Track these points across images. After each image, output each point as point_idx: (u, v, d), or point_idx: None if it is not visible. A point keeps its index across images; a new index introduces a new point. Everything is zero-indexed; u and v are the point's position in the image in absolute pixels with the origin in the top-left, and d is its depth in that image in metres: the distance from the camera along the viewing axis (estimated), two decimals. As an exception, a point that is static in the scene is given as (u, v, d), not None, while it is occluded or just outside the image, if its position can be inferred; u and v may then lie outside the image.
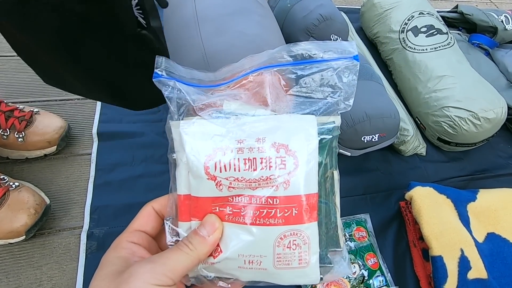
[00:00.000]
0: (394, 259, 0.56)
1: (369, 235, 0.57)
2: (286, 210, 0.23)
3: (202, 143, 0.23)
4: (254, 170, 0.23)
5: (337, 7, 0.83)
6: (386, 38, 0.83)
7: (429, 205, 0.55)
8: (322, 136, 0.24)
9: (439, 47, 0.74)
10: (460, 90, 0.67)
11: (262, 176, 0.23)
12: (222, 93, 0.24)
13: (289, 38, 0.77)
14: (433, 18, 0.79)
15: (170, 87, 0.24)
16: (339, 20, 0.76)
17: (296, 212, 0.23)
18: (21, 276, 0.48)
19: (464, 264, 0.51)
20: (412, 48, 0.76)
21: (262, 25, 0.59)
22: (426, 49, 0.75)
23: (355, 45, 0.24)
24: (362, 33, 0.93)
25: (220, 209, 0.23)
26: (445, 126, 0.68)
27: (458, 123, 0.66)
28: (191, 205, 0.24)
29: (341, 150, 0.64)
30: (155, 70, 0.24)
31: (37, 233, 0.51)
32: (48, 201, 0.51)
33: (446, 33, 0.77)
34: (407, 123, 0.70)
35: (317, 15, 0.73)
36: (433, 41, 0.75)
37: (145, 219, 0.24)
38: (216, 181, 0.23)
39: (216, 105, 0.24)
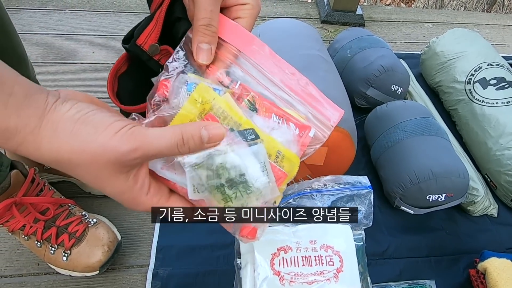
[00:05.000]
0: (464, 334, 0.52)
1: (435, 304, 0.53)
2: None
3: (268, 243, 0.30)
4: (310, 266, 0.30)
5: (395, 53, 0.83)
6: (449, 88, 0.80)
7: (507, 280, 0.50)
8: (355, 242, 0.32)
9: (512, 101, 0.70)
10: (539, 150, 0.63)
11: (317, 271, 0.30)
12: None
13: (348, 87, 0.78)
14: (503, 70, 0.76)
15: None
16: (400, 71, 0.76)
17: None
18: (94, 309, 0.51)
19: None
20: (480, 101, 0.73)
21: (327, 80, 0.62)
22: (497, 103, 0.71)
23: (367, 178, 0.36)
24: (421, 79, 0.91)
25: None
26: (520, 188, 0.63)
27: (536, 186, 0.61)
28: None
29: (403, 207, 0.62)
30: None
31: (110, 268, 0.55)
32: (119, 237, 0.56)
33: (519, 86, 0.73)
34: (476, 182, 0.66)
35: (378, 66, 0.74)
36: (505, 94, 0.72)
37: None
38: (279, 276, 0.29)
39: None
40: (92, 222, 0.53)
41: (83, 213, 0.54)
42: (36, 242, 0.50)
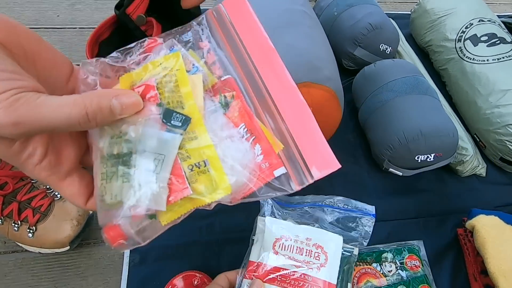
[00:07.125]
0: (451, 292, 0.51)
1: (422, 265, 0.52)
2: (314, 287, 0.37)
3: (275, 231, 0.39)
4: (301, 254, 0.38)
5: (385, 13, 0.78)
6: (440, 47, 0.77)
7: (495, 237, 0.49)
8: (343, 251, 0.39)
9: (503, 58, 0.68)
10: (529, 106, 0.61)
11: (305, 260, 0.38)
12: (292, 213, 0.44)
13: (335, 47, 0.73)
14: (495, 25, 0.72)
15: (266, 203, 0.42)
16: (389, 29, 0.71)
17: None
18: (68, 286, 0.48)
19: (536, 306, 0.45)
20: (470, 59, 0.70)
21: (311, 37, 0.57)
22: (488, 60, 0.68)
23: (374, 208, 0.45)
24: (412, 40, 0.87)
25: (273, 276, 0.37)
26: (509, 146, 0.61)
27: (526, 143, 0.59)
28: (257, 268, 0.38)
29: (391, 169, 0.60)
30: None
31: (84, 243, 0.51)
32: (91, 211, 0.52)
33: (511, 42, 0.70)
34: (465, 141, 0.64)
35: (365, 24, 0.69)
36: (496, 51, 0.68)
37: (221, 281, 0.38)
38: (278, 255, 0.38)
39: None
40: (58, 196, 0.49)
41: (48, 186, 0.50)
42: (-4, 219, 0.46)
